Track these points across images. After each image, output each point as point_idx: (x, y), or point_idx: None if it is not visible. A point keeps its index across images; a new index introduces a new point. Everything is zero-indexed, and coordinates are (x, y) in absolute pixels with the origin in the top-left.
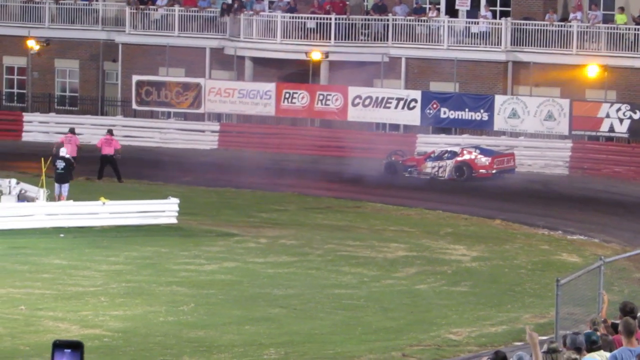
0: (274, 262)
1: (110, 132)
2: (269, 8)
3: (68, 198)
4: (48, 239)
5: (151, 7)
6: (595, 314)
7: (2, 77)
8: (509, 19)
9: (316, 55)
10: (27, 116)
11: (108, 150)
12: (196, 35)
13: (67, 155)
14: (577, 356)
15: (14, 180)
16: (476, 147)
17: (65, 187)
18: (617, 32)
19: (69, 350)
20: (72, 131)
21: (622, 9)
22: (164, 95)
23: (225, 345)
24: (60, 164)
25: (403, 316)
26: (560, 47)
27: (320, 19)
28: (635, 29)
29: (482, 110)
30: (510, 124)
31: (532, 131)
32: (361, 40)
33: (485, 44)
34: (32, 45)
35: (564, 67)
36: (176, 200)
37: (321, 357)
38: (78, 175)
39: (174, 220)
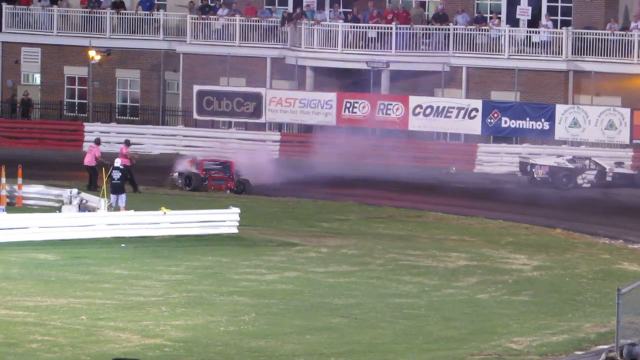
0: (335, 272)
1: (96, 141)
2: (330, 18)
3: (126, 208)
4: (109, 249)
5: (212, 16)
6: None
7: (63, 87)
8: (569, 28)
9: (373, 66)
10: (88, 126)
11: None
12: (257, 45)
13: (122, 166)
14: None
15: (75, 190)
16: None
17: (122, 197)
18: None
19: None
20: (96, 142)
21: None
22: (225, 105)
23: (286, 355)
24: (117, 174)
25: (464, 325)
26: (621, 57)
27: (381, 28)
28: None
29: (543, 120)
30: (572, 133)
31: (593, 140)
32: (422, 49)
33: (546, 54)
34: (93, 55)
35: (625, 76)
36: (237, 210)
37: None
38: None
39: (234, 230)
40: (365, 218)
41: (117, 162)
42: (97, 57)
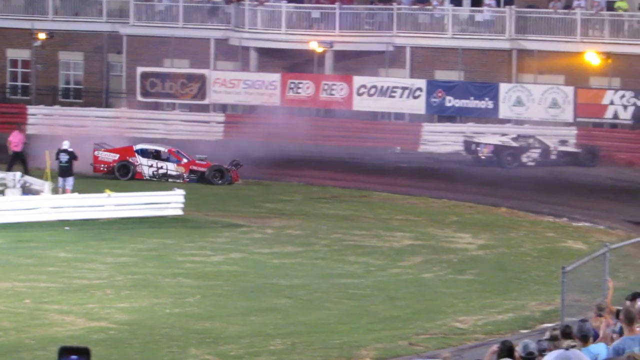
0: (280, 253)
1: (18, 126)
2: None
3: (73, 191)
4: (53, 232)
5: None
6: (600, 299)
7: (6, 70)
8: (513, 6)
9: (319, 45)
10: (31, 109)
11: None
12: (200, 26)
13: (70, 149)
14: (577, 344)
15: (18, 174)
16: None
17: (70, 180)
18: (620, 19)
19: (76, 357)
20: (18, 127)
21: None
22: (169, 87)
23: (231, 336)
24: (64, 157)
25: (409, 305)
26: (564, 35)
27: (325, 8)
28: (637, 16)
29: (487, 99)
30: (515, 111)
31: (537, 119)
32: (366, 29)
33: (490, 32)
34: (36, 37)
35: (568, 55)
36: (182, 192)
37: (328, 347)
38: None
39: (179, 212)
40: (310, 199)
41: (66, 145)
42: (40, 40)
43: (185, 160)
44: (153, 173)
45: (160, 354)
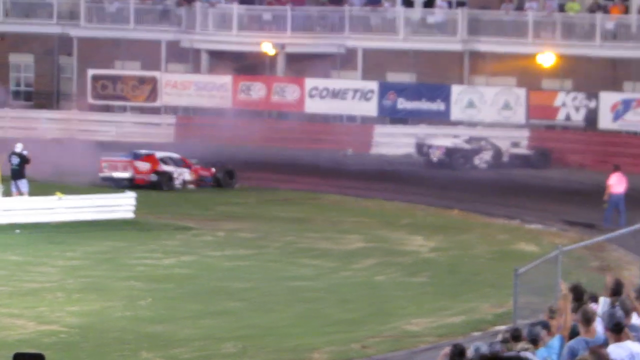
0: (231, 256)
1: None
2: (225, 0)
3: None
4: (3, 235)
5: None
6: (553, 302)
7: None
8: (464, 8)
9: (271, 48)
10: None
11: None
12: (152, 28)
13: (25, 152)
14: (530, 346)
15: None
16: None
17: (23, 183)
18: (572, 21)
19: None
20: None
21: None
22: (120, 89)
23: (183, 339)
24: (15, 160)
25: (362, 308)
26: (516, 37)
27: (277, 10)
28: (589, 18)
29: (439, 101)
30: (467, 114)
31: (489, 121)
32: (317, 31)
33: (442, 34)
34: None
35: (520, 57)
36: (133, 194)
37: (280, 349)
38: None
39: (131, 215)
40: (262, 201)
41: (18, 148)
42: None
43: (193, 166)
44: (182, 181)
45: (112, 357)
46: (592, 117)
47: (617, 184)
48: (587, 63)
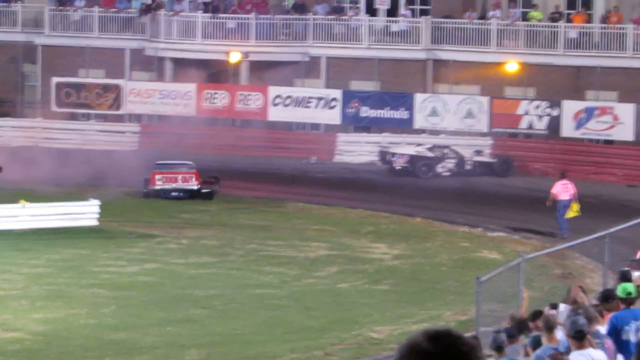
0: (195, 263)
1: None
2: (189, 9)
3: None
4: None
5: (70, 8)
6: (514, 310)
7: None
8: (428, 17)
9: (235, 56)
10: None
11: None
12: (116, 36)
13: None
14: (494, 353)
15: None
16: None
17: None
18: (535, 30)
19: None
20: None
21: (537, 6)
22: (84, 97)
23: (146, 347)
24: None
25: (325, 315)
26: (480, 45)
27: (240, 18)
28: (552, 26)
29: (402, 109)
30: (431, 121)
31: (452, 129)
32: (281, 39)
33: (405, 43)
34: None
35: (484, 65)
36: (97, 202)
37: (243, 357)
38: None
39: (95, 222)
40: (226, 209)
41: None
42: None
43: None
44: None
45: None
46: (554, 125)
47: (562, 191)
48: (550, 71)
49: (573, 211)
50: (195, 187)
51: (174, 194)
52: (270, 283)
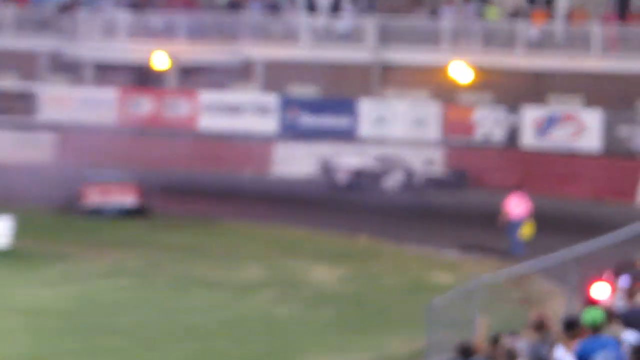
0: (117, 287)
1: None
2: (112, 6)
3: None
4: None
5: None
6: (467, 339)
7: None
8: (373, 14)
9: (161, 58)
10: None
11: None
12: (31, 37)
13: None
14: None
15: None
16: None
17: None
18: (491, 28)
19: None
20: None
21: (491, 2)
22: None
23: None
24: None
25: (259, 344)
26: (431, 45)
27: (168, 17)
28: (510, 25)
29: (345, 116)
30: (377, 130)
31: (400, 137)
32: (213, 40)
33: (349, 43)
34: None
35: (435, 67)
36: (8, 219)
37: None
38: None
39: (5, 241)
40: (151, 227)
41: None
42: None
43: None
44: None
45: None
46: (513, 134)
47: (516, 206)
48: (508, 74)
49: (526, 231)
50: (136, 204)
51: (111, 211)
52: (199, 308)
